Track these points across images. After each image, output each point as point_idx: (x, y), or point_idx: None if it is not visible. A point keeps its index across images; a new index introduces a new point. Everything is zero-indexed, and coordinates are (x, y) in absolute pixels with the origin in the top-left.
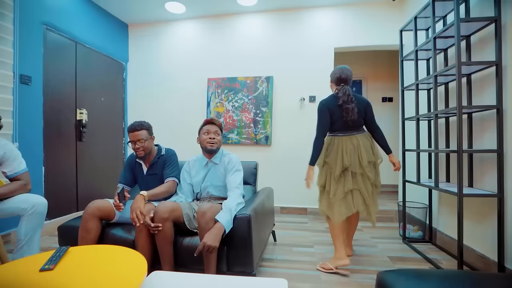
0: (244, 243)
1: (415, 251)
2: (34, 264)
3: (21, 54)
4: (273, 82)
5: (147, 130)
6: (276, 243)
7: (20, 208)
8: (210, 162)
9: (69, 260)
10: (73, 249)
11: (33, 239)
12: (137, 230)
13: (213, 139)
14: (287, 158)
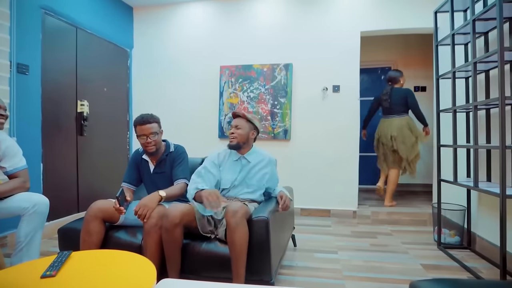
0: (261, 248)
1: (452, 259)
2: (35, 270)
3: (18, 41)
4: (293, 70)
5: (157, 123)
6: (296, 248)
7: (21, 207)
8: (243, 158)
9: (72, 266)
10: (75, 254)
11: (33, 241)
12: (145, 234)
13: (231, 133)
14: (308, 154)
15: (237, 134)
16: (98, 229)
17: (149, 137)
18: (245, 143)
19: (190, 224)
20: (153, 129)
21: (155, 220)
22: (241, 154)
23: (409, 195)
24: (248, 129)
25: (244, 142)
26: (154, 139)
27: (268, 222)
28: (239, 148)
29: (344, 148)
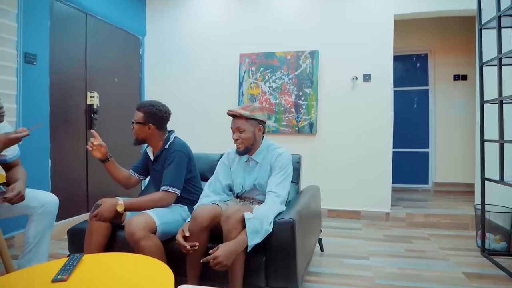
0: (286, 253)
1: (497, 267)
2: (45, 273)
3: (25, 29)
4: (319, 58)
5: (144, 114)
6: (323, 253)
7: (29, 206)
8: (251, 159)
9: (84, 270)
10: (87, 257)
11: (42, 243)
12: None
13: (236, 140)
14: (335, 150)
15: (242, 139)
16: (103, 229)
17: (132, 123)
18: (254, 144)
19: (217, 227)
20: (136, 116)
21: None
22: (249, 155)
23: (449, 196)
24: (252, 128)
25: (252, 143)
26: (133, 127)
27: (294, 224)
28: (249, 151)
29: (376, 143)
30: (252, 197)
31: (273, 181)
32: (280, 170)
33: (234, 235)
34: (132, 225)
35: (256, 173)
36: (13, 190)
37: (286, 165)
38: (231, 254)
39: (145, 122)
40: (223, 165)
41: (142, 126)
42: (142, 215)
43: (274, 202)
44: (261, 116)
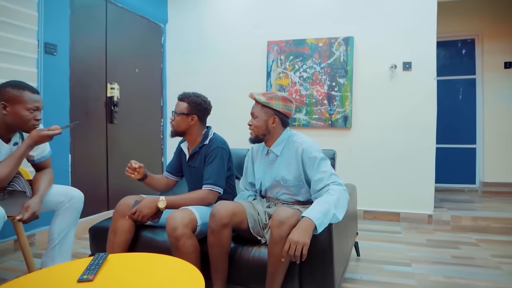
0: (323, 257)
1: None
2: (70, 272)
3: (46, 18)
4: (354, 45)
5: (188, 104)
6: (359, 258)
7: (56, 201)
8: (270, 151)
9: (109, 270)
10: (112, 257)
11: (66, 240)
12: (172, 248)
13: (249, 125)
14: (372, 145)
15: (253, 125)
16: (127, 228)
17: (172, 113)
18: (267, 135)
19: (240, 225)
20: (178, 107)
21: (180, 231)
22: (268, 146)
23: (498, 197)
24: (264, 117)
25: (263, 133)
26: (173, 118)
27: (331, 225)
28: (260, 141)
29: (417, 138)
30: (276, 197)
31: (318, 174)
32: (314, 160)
33: (284, 242)
34: (175, 219)
35: (276, 167)
36: (28, 209)
37: (317, 151)
38: (304, 232)
39: (188, 113)
40: (249, 160)
41: (185, 117)
42: (186, 211)
43: (339, 191)
44: (279, 107)
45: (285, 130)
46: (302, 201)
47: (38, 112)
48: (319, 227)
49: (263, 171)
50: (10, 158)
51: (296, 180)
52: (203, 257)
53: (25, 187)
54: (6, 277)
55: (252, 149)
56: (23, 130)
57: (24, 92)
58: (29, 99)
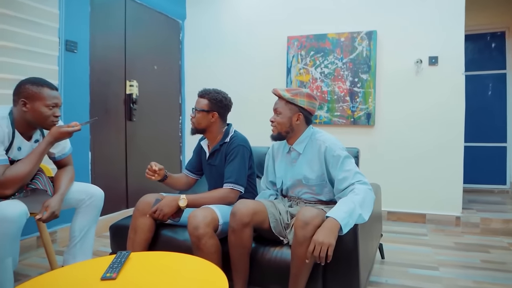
0: (348, 259)
1: None
2: (93, 270)
3: (67, 15)
4: (377, 39)
5: (209, 101)
6: (384, 261)
7: (77, 199)
8: (292, 149)
9: (132, 269)
10: (134, 255)
11: (87, 237)
12: (193, 247)
13: (271, 122)
14: (396, 143)
15: (276, 122)
16: (147, 226)
17: (193, 110)
18: (290, 132)
19: (261, 224)
20: (198, 104)
21: (202, 230)
22: (290, 144)
23: None
24: (289, 113)
25: (287, 131)
26: (193, 115)
27: (356, 227)
28: (282, 138)
29: (444, 136)
30: (298, 196)
31: (342, 173)
32: (337, 158)
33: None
34: (197, 218)
35: (298, 165)
36: (48, 208)
37: (340, 149)
38: (329, 233)
39: (209, 110)
40: (267, 158)
41: (205, 114)
42: (207, 210)
43: (364, 190)
44: (304, 104)
45: (308, 127)
46: (324, 201)
47: (57, 109)
48: (345, 227)
49: (284, 169)
50: (31, 155)
51: (318, 179)
52: (224, 257)
53: (46, 185)
54: (29, 273)
55: (272, 146)
56: (42, 127)
57: (43, 89)
58: (48, 96)
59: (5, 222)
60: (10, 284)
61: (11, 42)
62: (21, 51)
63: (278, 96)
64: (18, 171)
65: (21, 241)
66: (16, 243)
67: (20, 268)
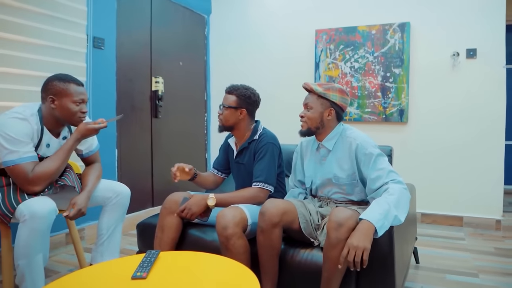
0: (383, 263)
1: None
2: (123, 269)
3: (95, 12)
4: (411, 31)
5: (237, 97)
6: (418, 266)
7: (104, 197)
8: (321, 146)
9: (161, 268)
10: (164, 255)
11: (114, 235)
12: (222, 248)
13: (301, 117)
14: (431, 141)
15: (307, 117)
16: (174, 225)
17: (220, 107)
18: (320, 128)
19: (291, 225)
20: (226, 100)
21: (231, 230)
22: (319, 140)
23: None
24: (320, 108)
25: (317, 126)
26: (221, 112)
27: (392, 229)
28: (312, 134)
29: (483, 134)
30: (327, 196)
31: (375, 172)
32: (370, 156)
33: (344, 245)
34: (226, 217)
35: (328, 163)
36: (74, 205)
37: (372, 147)
38: (364, 236)
39: (237, 107)
40: (295, 155)
41: (233, 111)
42: (236, 210)
43: (399, 190)
44: (337, 99)
45: (339, 124)
46: (356, 201)
47: (84, 105)
48: (380, 230)
49: (313, 168)
50: (59, 152)
51: (349, 178)
52: (252, 258)
53: (74, 182)
54: (59, 270)
55: (301, 144)
56: (70, 123)
57: (70, 85)
58: (75, 92)
59: (35, 219)
60: (41, 280)
61: (40, 39)
62: (50, 49)
63: (310, 91)
64: (46, 168)
65: (51, 238)
66: (46, 240)
67: (50, 264)
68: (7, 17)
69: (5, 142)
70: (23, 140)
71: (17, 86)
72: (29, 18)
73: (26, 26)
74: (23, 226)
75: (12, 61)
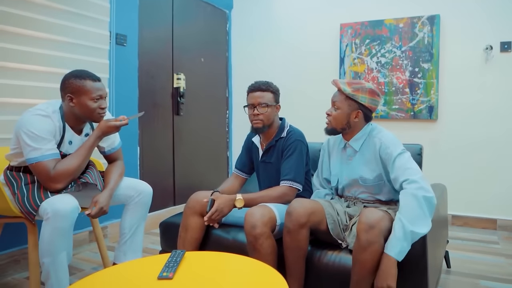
0: (415, 266)
1: None
2: (148, 269)
3: (117, 9)
4: (440, 24)
5: (273, 94)
6: (450, 270)
7: (126, 196)
8: (348, 146)
9: (188, 269)
10: (189, 255)
11: (136, 234)
12: (249, 247)
13: (327, 115)
14: (463, 140)
15: (332, 117)
16: (197, 225)
17: (257, 107)
18: (346, 129)
19: (318, 225)
20: (264, 98)
21: (259, 230)
22: (346, 140)
23: None
24: (347, 110)
25: (343, 127)
26: (264, 111)
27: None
28: (337, 133)
29: None
30: (355, 195)
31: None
32: (390, 156)
33: (375, 248)
34: (255, 216)
35: (355, 164)
36: (96, 204)
37: (395, 146)
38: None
39: (275, 103)
40: (322, 153)
41: (273, 108)
42: (265, 209)
43: (410, 195)
44: (366, 101)
45: (367, 124)
46: (384, 201)
47: (102, 100)
48: (399, 256)
49: (339, 167)
50: (81, 149)
51: (376, 179)
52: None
53: (96, 179)
54: (83, 268)
55: (328, 141)
56: (90, 120)
57: (86, 82)
58: (92, 88)
59: (57, 217)
60: (65, 278)
61: (64, 36)
62: (74, 46)
63: (338, 89)
64: (68, 165)
65: (74, 236)
66: (69, 238)
67: (74, 262)
68: (31, 15)
69: (29, 139)
70: (45, 137)
71: (42, 83)
72: (53, 16)
73: (50, 23)
74: (46, 224)
75: (36, 59)
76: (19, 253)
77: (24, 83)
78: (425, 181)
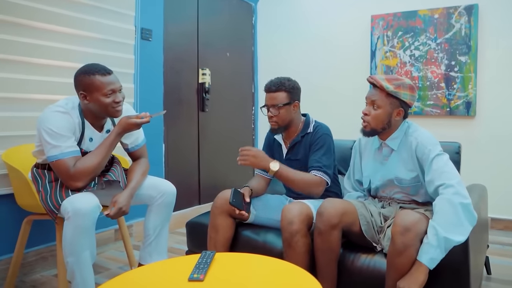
0: (456, 273)
1: None
2: (179, 270)
3: (143, 3)
4: (479, 15)
5: (287, 92)
6: (490, 277)
7: (149, 196)
8: (384, 145)
9: (218, 270)
10: (219, 256)
11: (161, 235)
12: (285, 245)
13: (364, 115)
14: (503, 137)
15: (371, 117)
16: (226, 225)
17: (270, 109)
18: (386, 128)
19: (350, 227)
20: (276, 100)
21: (296, 226)
22: (382, 139)
23: None
24: (389, 108)
25: (383, 127)
26: (276, 114)
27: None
28: (376, 134)
29: None
30: (390, 196)
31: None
32: (427, 157)
33: (411, 252)
34: (292, 212)
35: (390, 164)
36: (115, 204)
37: (431, 144)
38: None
39: (291, 101)
40: (353, 153)
41: (288, 108)
42: (303, 205)
43: (446, 201)
44: (407, 98)
45: (404, 121)
46: (420, 202)
47: (116, 94)
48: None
49: (372, 167)
50: (101, 147)
51: (413, 180)
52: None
53: (119, 177)
54: (108, 267)
55: (359, 141)
56: (107, 115)
57: (94, 77)
58: (102, 84)
59: (78, 216)
60: (90, 277)
61: (89, 31)
62: (99, 41)
63: (379, 87)
64: (87, 163)
65: (100, 234)
66: (92, 237)
67: (100, 260)
68: (57, 9)
69: (48, 137)
70: (64, 135)
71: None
72: (78, 11)
73: (76, 18)
74: (68, 224)
75: (61, 54)
76: (47, 250)
77: (50, 79)
78: (462, 187)
